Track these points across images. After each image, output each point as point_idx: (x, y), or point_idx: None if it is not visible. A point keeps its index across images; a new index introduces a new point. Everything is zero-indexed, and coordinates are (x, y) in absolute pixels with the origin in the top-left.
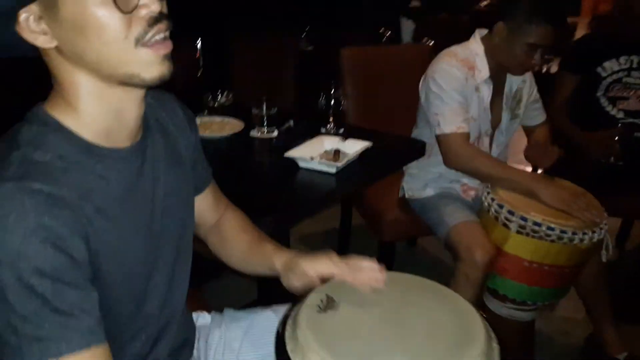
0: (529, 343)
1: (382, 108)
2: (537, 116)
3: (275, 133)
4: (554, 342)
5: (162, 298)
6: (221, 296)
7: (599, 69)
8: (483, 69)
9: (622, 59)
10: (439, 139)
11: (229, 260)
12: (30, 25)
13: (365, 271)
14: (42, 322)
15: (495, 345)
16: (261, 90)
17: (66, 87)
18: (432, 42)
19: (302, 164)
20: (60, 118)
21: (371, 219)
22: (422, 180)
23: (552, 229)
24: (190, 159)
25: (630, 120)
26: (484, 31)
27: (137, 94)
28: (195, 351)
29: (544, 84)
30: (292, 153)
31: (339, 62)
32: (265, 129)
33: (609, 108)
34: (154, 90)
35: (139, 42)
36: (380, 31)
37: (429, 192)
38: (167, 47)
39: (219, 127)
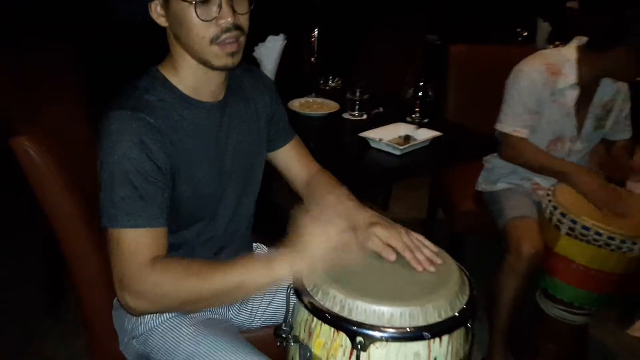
0: (581, 349)
1: (482, 106)
2: (624, 132)
3: (365, 117)
4: (618, 355)
5: (229, 218)
6: None
7: None
8: (570, 75)
9: None
10: (498, 133)
11: None
12: (157, 10)
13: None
14: (132, 203)
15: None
16: (381, 80)
17: (173, 55)
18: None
19: (372, 144)
20: (166, 75)
21: (447, 209)
22: (496, 174)
23: (600, 234)
24: (266, 117)
25: None
26: (584, 39)
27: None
28: None
29: None
30: (366, 133)
31: (447, 58)
32: (356, 112)
33: None
34: (246, 65)
35: (213, 41)
36: (518, 31)
37: (500, 186)
38: (233, 48)
39: (318, 106)
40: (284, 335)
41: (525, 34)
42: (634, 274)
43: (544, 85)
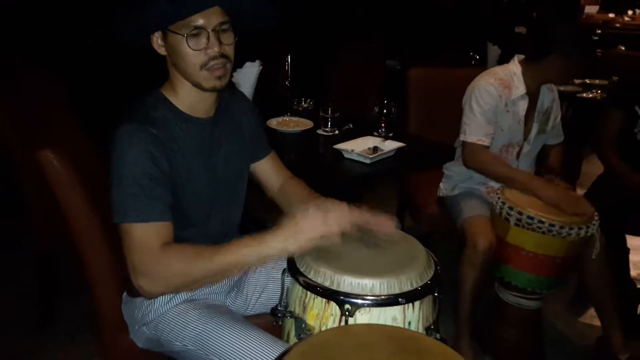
0: (536, 331)
1: (440, 121)
2: (557, 136)
3: (336, 132)
4: (571, 341)
5: (222, 220)
6: None
7: (637, 108)
8: (520, 86)
9: None
10: (463, 144)
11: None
12: (157, 42)
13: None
14: (139, 201)
15: (432, 263)
16: (348, 102)
17: (172, 78)
18: None
19: (345, 155)
20: (167, 95)
21: (414, 213)
22: (454, 181)
23: (542, 222)
24: (249, 132)
25: None
26: (522, 56)
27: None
28: None
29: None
30: (339, 146)
31: (406, 80)
32: (328, 129)
33: None
34: (233, 89)
35: (203, 67)
36: (471, 54)
37: (458, 190)
38: (220, 72)
39: (295, 124)
40: (279, 315)
41: (477, 57)
42: (572, 256)
43: (499, 98)
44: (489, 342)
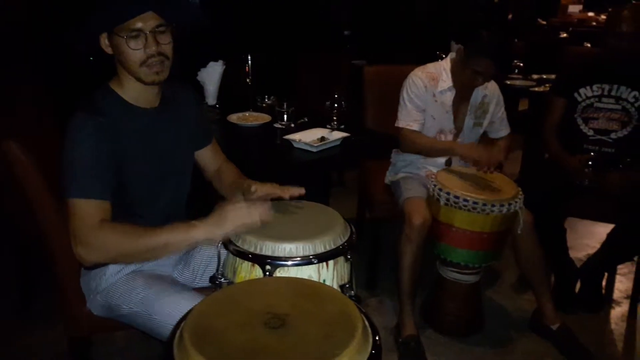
0: (475, 304)
1: (393, 114)
2: (501, 131)
3: (292, 125)
4: (510, 315)
5: (169, 201)
6: None
7: (576, 94)
8: (447, 80)
9: (595, 87)
10: (397, 129)
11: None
12: (104, 41)
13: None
14: (84, 180)
15: (348, 231)
16: (315, 98)
17: (119, 74)
18: None
19: (294, 144)
20: (114, 88)
21: (367, 200)
22: (398, 167)
23: (467, 201)
24: (194, 122)
25: (598, 137)
26: (454, 53)
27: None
28: None
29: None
30: (288, 136)
31: (362, 77)
32: (284, 122)
33: (582, 126)
34: (179, 81)
35: (142, 64)
36: (437, 53)
37: (400, 175)
38: (157, 68)
39: (254, 118)
40: (217, 282)
41: (443, 55)
42: (499, 232)
43: (425, 89)
44: (432, 316)
